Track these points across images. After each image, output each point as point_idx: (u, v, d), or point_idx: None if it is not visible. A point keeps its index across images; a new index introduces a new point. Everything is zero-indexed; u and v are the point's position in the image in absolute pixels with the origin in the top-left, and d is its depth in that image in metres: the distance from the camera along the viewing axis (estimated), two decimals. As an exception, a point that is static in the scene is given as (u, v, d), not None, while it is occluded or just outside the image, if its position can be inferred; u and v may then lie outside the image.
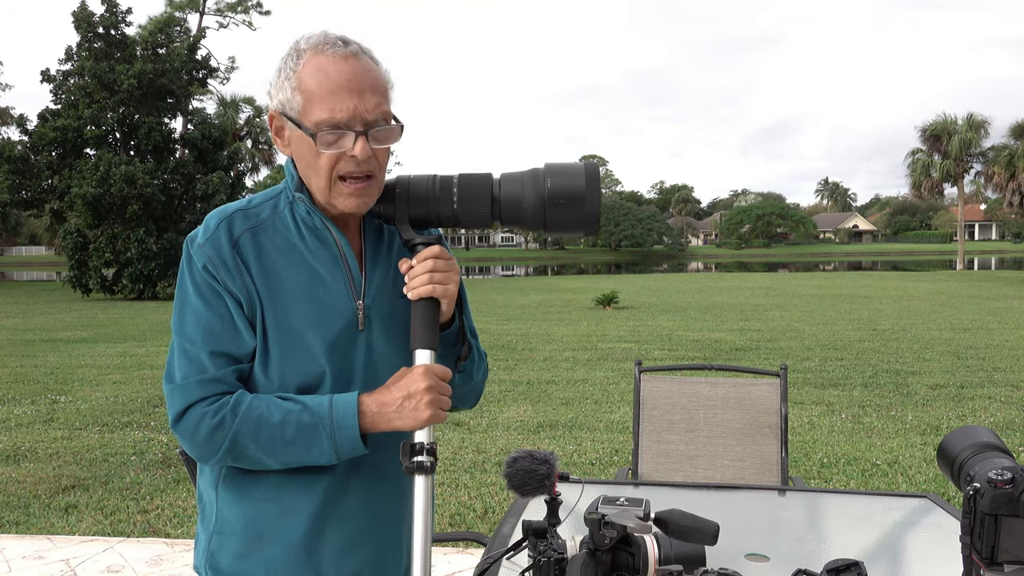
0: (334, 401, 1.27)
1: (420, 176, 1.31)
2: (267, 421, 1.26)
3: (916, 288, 22.98)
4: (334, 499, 1.34)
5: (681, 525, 1.22)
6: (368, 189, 1.29)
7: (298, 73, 1.25)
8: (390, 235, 1.43)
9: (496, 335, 12.59)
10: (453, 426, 6.44)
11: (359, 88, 1.24)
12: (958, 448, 1.22)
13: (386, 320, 1.37)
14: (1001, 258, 56.16)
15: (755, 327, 13.19)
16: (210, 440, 1.26)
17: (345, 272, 1.34)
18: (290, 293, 1.30)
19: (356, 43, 1.28)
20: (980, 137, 36.26)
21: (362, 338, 1.34)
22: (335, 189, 1.28)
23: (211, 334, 1.28)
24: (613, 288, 19.76)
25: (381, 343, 1.36)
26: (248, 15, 35.45)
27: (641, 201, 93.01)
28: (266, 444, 1.26)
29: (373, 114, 1.25)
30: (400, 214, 1.31)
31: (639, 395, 3.08)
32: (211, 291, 1.28)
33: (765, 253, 73.34)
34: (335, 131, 1.24)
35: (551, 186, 1.24)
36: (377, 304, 1.37)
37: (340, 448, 1.26)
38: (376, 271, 1.38)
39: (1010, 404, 7.03)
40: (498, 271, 53.64)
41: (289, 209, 1.35)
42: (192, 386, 1.27)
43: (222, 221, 1.32)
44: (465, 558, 3.73)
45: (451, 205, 1.28)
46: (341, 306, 1.33)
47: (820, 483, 4.88)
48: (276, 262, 1.31)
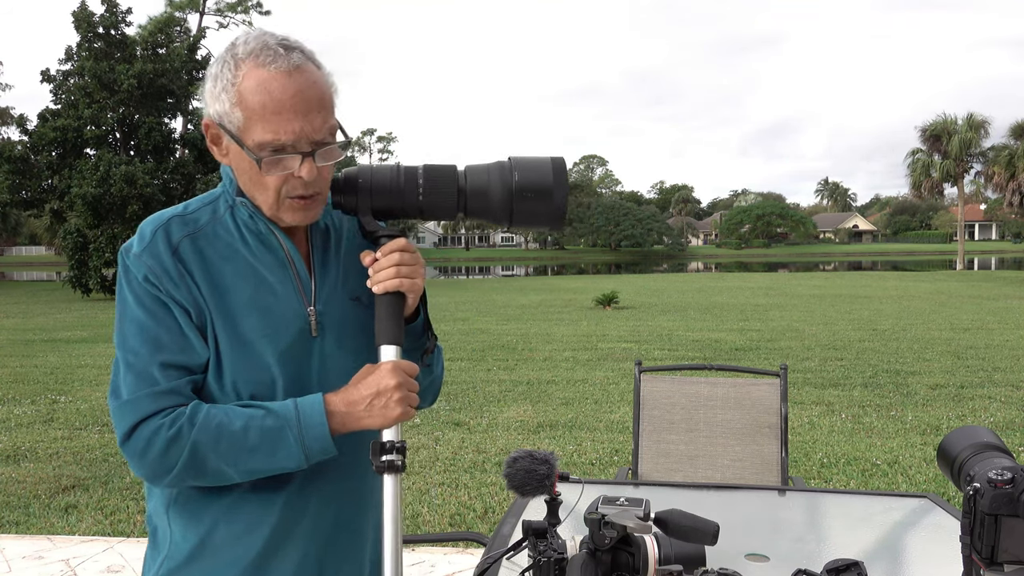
0: (299, 403, 1.21)
1: (383, 166, 1.26)
2: (228, 428, 1.18)
3: (916, 288, 22.99)
4: (293, 512, 1.29)
5: (681, 525, 1.22)
6: (314, 204, 1.25)
7: (237, 87, 1.17)
8: (337, 236, 1.38)
9: (496, 335, 12.59)
10: (453, 426, 6.45)
11: (305, 108, 1.18)
12: (958, 448, 1.22)
13: (339, 325, 1.32)
14: (1001, 258, 56.17)
15: (755, 327, 13.19)
16: (165, 455, 1.18)
17: (294, 278, 1.29)
18: (238, 302, 1.24)
19: (298, 49, 1.20)
20: (980, 137, 36.26)
21: (315, 345, 1.29)
22: (283, 206, 1.24)
23: (159, 346, 1.20)
24: (613, 288, 19.76)
25: (335, 349, 1.31)
26: (248, 15, 35.47)
27: (641, 201, 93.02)
28: (228, 453, 1.18)
29: (320, 133, 1.20)
30: (363, 205, 1.25)
31: (639, 395, 3.08)
32: (155, 301, 1.21)
33: (765, 253, 73.34)
34: (280, 154, 1.18)
35: (519, 180, 1.22)
36: (329, 309, 1.31)
37: (309, 450, 1.20)
38: (326, 275, 1.33)
39: (1010, 404, 7.03)
40: (498, 271, 53.62)
41: (230, 214, 1.29)
42: (143, 400, 1.19)
43: (158, 228, 1.25)
44: (465, 558, 3.73)
45: (416, 196, 1.23)
46: (292, 313, 1.27)
47: (820, 483, 4.88)
48: (221, 270, 1.25)
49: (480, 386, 8.18)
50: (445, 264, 69.18)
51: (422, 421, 6.63)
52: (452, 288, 29.79)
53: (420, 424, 6.53)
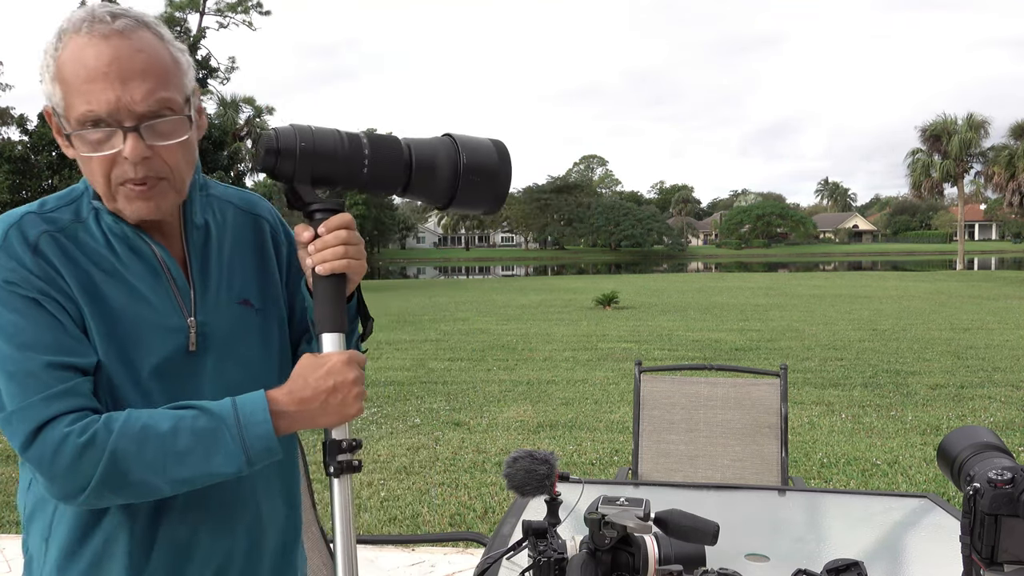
0: (237, 401, 1.08)
1: (323, 128, 1.09)
2: (154, 431, 1.04)
3: (916, 288, 22.98)
4: (177, 552, 1.17)
5: (681, 525, 1.23)
6: (157, 191, 1.10)
7: (57, 59, 1.05)
8: (219, 233, 1.24)
9: (496, 335, 12.59)
10: (453, 426, 6.45)
11: (122, 73, 1.03)
12: (958, 448, 1.22)
13: (225, 338, 1.20)
14: (1001, 258, 56.17)
15: (755, 327, 13.19)
16: (77, 465, 1.02)
17: (169, 286, 1.16)
18: (107, 314, 1.11)
19: (132, 17, 1.07)
20: (980, 137, 36.27)
21: (195, 362, 1.17)
22: (118, 196, 1.09)
23: (40, 346, 1.05)
24: (613, 288, 19.75)
25: (220, 365, 1.18)
26: (248, 15, 35.40)
27: (641, 201, 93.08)
28: (155, 460, 1.03)
29: (144, 104, 1.04)
30: (302, 172, 1.07)
31: (639, 395, 3.08)
32: (23, 301, 1.07)
33: (765, 253, 73.34)
34: (96, 129, 1.04)
35: (467, 161, 1.12)
36: (213, 320, 1.19)
37: (251, 450, 1.06)
38: (207, 280, 1.20)
39: (1010, 404, 7.03)
40: (498, 271, 53.64)
41: (94, 218, 1.14)
42: (36, 405, 1.03)
43: (11, 227, 1.10)
44: (465, 558, 3.73)
45: (361, 167, 1.09)
46: (168, 327, 1.15)
47: (820, 483, 4.88)
48: (89, 273, 1.11)
49: (480, 386, 8.18)
50: (445, 264, 69.22)
51: (422, 421, 6.63)
52: (452, 288, 29.79)
53: (420, 424, 6.53)
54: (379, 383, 8.30)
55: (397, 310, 17.60)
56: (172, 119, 1.08)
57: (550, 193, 77.40)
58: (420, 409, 7.10)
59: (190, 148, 1.13)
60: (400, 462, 5.41)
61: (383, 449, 5.74)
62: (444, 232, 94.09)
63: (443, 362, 9.89)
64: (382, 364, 9.67)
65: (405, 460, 5.46)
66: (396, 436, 6.13)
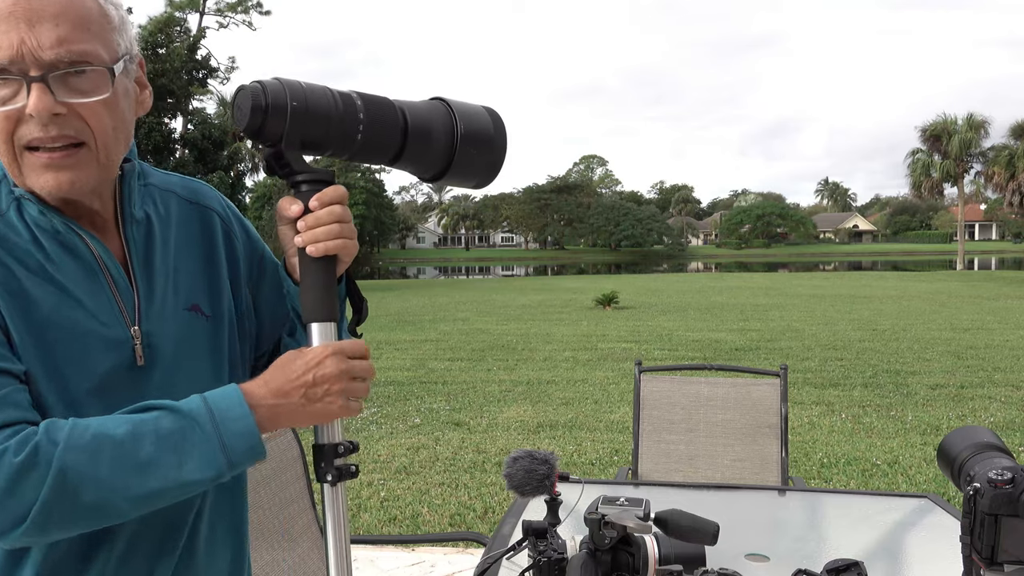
0: (208, 397, 0.93)
1: (313, 85, 0.93)
2: (109, 440, 0.87)
3: (916, 288, 22.98)
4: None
5: (681, 525, 1.23)
6: (74, 161, 0.92)
7: None
8: (163, 227, 1.07)
9: (496, 335, 12.59)
10: (453, 426, 6.45)
11: (30, 14, 0.87)
12: (958, 448, 1.22)
13: (173, 350, 1.03)
14: (1001, 258, 56.16)
15: (755, 327, 13.19)
16: (15, 489, 0.83)
17: (109, 289, 0.99)
18: (35, 321, 0.93)
19: None
20: (980, 137, 36.27)
21: (140, 379, 0.99)
22: (24, 164, 0.92)
23: None
24: (613, 288, 19.75)
25: (168, 382, 1.01)
26: (248, 15, 35.42)
27: (641, 201, 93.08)
28: (112, 474, 0.86)
29: (53, 52, 0.88)
30: (292, 135, 0.91)
31: (639, 395, 3.08)
32: None
33: (765, 253, 73.36)
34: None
35: (464, 129, 1.00)
36: (160, 328, 1.02)
37: (231, 451, 0.90)
38: (152, 282, 1.03)
39: (1010, 404, 7.03)
40: (498, 271, 53.66)
41: (16, 209, 0.96)
42: None
43: None
44: (465, 558, 3.73)
45: (356, 130, 0.94)
46: (109, 337, 0.97)
47: (820, 483, 4.88)
48: (14, 272, 0.94)
49: (480, 386, 8.18)
50: (445, 264, 69.24)
51: (422, 421, 6.63)
52: (452, 288, 29.79)
53: (420, 424, 6.53)
54: (379, 383, 8.30)
55: (397, 310, 17.61)
56: (90, 72, 0.91)
57: (550, 193, 77.42)
58: (420, 409, 7.10)
59: (119, 116, 0.96)
60: (400, 462, 5.41)
61: (383, 449, 5.74)
62: (444, 232, 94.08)
63: (443, 362, 9.89)
64: (382, 364, 9.67)
65: (405, 460, 5.46)
66: (396, 436, 6.13)
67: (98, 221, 1.01)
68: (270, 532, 2.01)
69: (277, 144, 0.93)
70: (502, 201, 79.90)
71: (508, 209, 79.22)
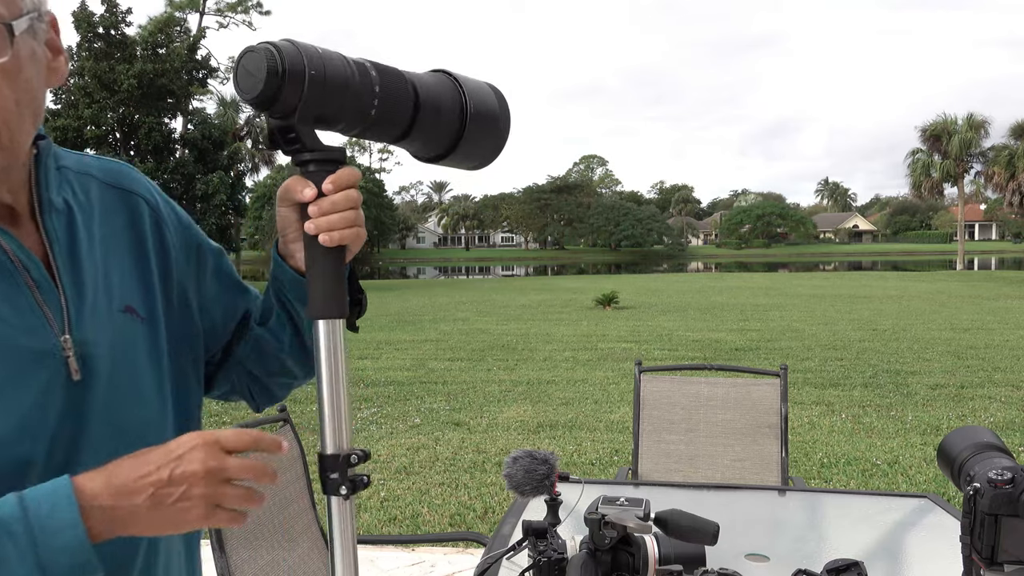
0: (26, 497, 0.73)
1: (328, 51, 0.81)
2: None
3: (916, 288, 22.98)
4: None
5: (681, 525, 1.23)
6: None
7: None
8: (85, 220, 0.92)
9: (496, 335, 12.59)
10: (453, 426, 6.45)
11: None
12: (958, 448, 1.22)
13: (113, 361, 0.88)
14: (1001, 258, 56.17)
15: (755, 327, 13.19)
16: None
17: (30, 292, 0.83)
18: None
19: None
20: (980, 137, 36.28)
21: (78, 397, 0.85)
22: None
23: None
24: (613, 288, 19.75)
25: (110, 399, 0.87)
26: (248, 15, 35.47)
27: (641, 201, 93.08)
28: None
29: None
30: (307, 108, 0.77)
31: (639, 395, 3.08)
32: None
33: (765, 253, 73.37)
34: None
35: (474, 107, 0.91)
36: (95, 335, 0.87)
37: (48, 567, 0.71)
38: (81, 283, 0.88)
39: (1010, 404, 7.04)
40: (498, 271, 53.65)
41: None
42: None
43: None
44: (465, 558, 3.73)
45: (371, 104, 0.82)
46: (34, 349, 0.82)
47: (820, 483, 4.88)
48: None
49: (480, 386, 8.18)
50: (445, 264, 69.23)
51: (422, 421, 6.63)
52: (452, 288, 29.79)
53: (420, 424, 6.53)
54: (379, 383, 8.30)
55: (397, 310, 17.60)
56: None
57: (550, 193, 77.46)
58: (420, 409, 7.10)
59: (24, 86, 0.79)
60: (400, 462, 5.41)
61: (383, 449, 5.74)
62: (444, 232, 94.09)
63: (443, 362, 9.89)
64: (382, 364, 9.67)
65: (405, 460, 5.46)
66: (396, 436, 6.13)
67: (9, 214, 0.85)
68: (270, 532, 2.01)
69: (289, 117, 0.79)
70: (502, 201, 79.97)
71: (508, 209, 79.28)
